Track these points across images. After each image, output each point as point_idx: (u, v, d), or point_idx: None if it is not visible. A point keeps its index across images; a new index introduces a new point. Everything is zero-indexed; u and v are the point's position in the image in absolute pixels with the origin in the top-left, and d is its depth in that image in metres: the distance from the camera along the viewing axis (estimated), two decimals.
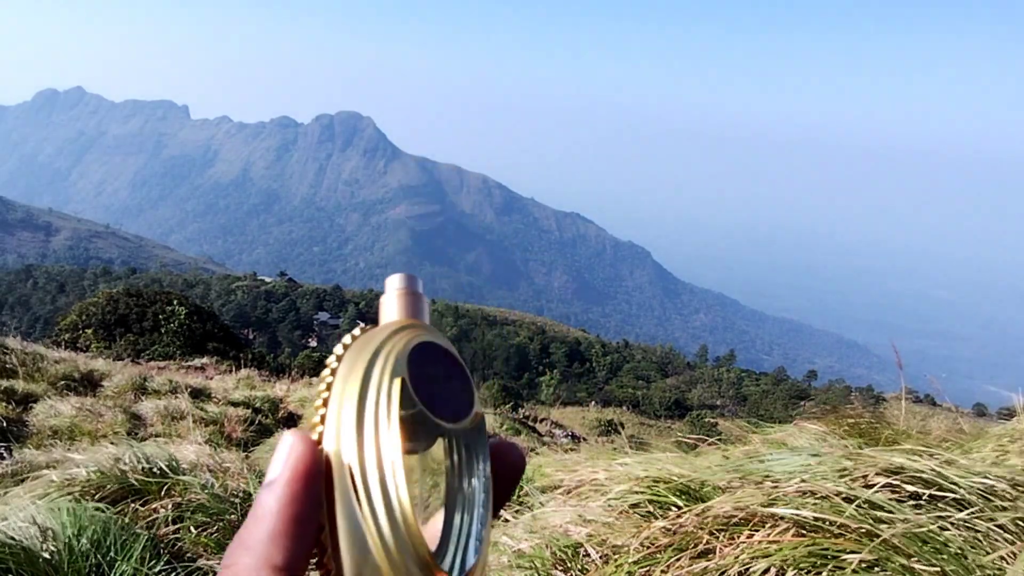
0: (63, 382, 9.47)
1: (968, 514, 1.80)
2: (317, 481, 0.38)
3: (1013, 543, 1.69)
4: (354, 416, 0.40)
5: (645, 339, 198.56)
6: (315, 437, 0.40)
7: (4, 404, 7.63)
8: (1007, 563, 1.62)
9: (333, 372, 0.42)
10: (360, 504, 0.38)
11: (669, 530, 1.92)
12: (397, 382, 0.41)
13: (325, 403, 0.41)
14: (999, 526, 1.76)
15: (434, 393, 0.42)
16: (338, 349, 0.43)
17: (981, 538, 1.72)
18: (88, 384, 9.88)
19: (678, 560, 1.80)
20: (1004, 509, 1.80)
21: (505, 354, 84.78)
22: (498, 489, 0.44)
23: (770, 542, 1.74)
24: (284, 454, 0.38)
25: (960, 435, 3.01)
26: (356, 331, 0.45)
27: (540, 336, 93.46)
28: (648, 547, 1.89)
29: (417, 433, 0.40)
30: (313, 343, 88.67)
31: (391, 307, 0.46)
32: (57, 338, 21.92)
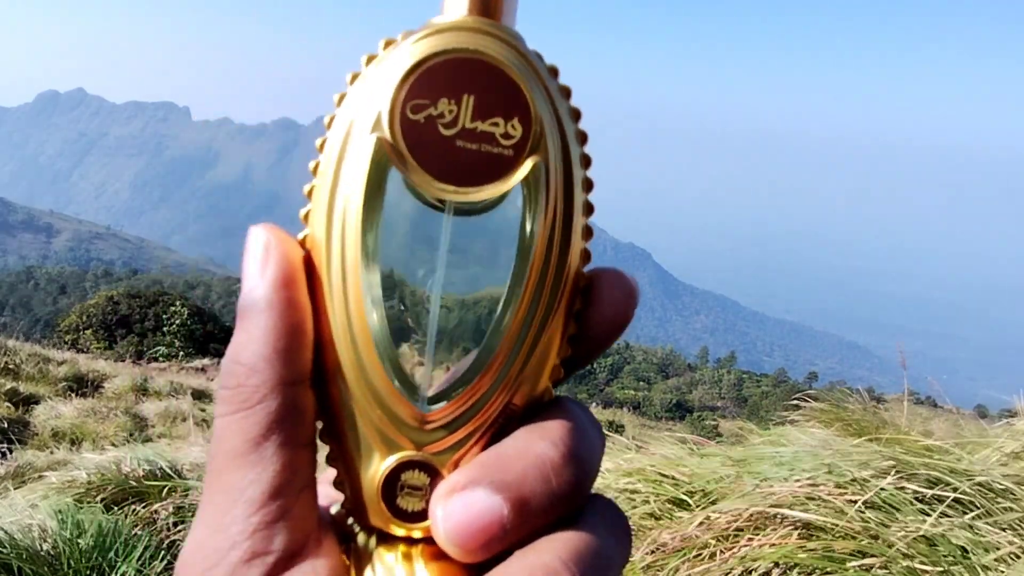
0: (64, 383, 9.49)
1: (972, 516, 1.79)
2: (303, 281, 0.29)
3: (1020, 547, 1.69)
4: (327, 195, 0.29)
5: (646, 340, 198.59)
6: (303, 215, 0.30)
7: (6, 405, 7.63)
8: (1010, 565, 1.61)
9: (330, 123, 0.30)
10: (329, 311, 0.29)
11: (674, 535, 1.91)
12: (370, 143, 0.28)
13: (315, 169, 0.30)
14: (1003, 527, 1.75)
15: (435, 146, 0.28)
16: (347, 83, 0.30)
17: (985, 540, 1.72)
18: (89, 385, 9.89)
19: (684, 565, 1.79)
20: (1008, 510, 1.80)
21: None
22: (591, 333, 0.32)
23: (773, 545, 1.74)
24: (260, 254, 0.29)
25: (962, 436, 3.01)
26: (381, 45, 0.30)
27: None
28: (653, 552, 1.89)
29: (394, 212, 0.29)
30: None
31: None
32: (58, 339, 21.96)
